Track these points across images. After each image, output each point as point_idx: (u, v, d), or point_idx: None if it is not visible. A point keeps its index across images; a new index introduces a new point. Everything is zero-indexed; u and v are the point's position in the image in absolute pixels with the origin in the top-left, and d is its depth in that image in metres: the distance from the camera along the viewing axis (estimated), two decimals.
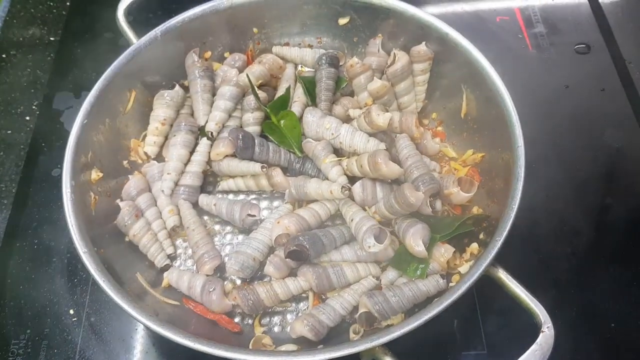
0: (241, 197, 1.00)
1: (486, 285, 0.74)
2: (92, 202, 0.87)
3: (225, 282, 0.88)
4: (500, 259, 0.75)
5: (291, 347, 0.80)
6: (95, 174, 0.89)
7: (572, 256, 0.94)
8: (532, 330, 0.71)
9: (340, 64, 1.03)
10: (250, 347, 0.81)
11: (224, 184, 0.99)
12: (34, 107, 1.17)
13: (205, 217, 0.98)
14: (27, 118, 1.16)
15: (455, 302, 0.71)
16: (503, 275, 0.75)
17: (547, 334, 0.69)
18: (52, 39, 1.28)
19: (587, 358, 0.86)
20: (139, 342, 0.90)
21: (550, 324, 0.70)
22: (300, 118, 0.98)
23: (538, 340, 0.69)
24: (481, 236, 0.86)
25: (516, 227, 0.75)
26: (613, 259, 0.94)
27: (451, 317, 0.89)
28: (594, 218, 0.98)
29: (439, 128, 1.02)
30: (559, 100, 1.12)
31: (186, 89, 1.02)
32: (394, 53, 0.98)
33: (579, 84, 1.13)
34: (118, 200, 0.92)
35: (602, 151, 1.05)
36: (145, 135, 1.00)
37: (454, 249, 0.84)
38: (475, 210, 0.90)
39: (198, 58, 1.00)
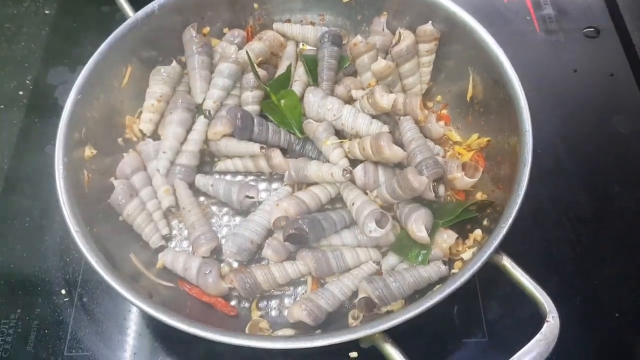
0: (239, 178, 0.98)
1: (488, 272, 0.72)
2: (86, 179, 0.85)
3: (222, 265, 0.87)
4: (504, 246, 0.73)
5: (288, 331, 0.79)
6: (88, 151, 0.87)
7: (577, 244, 0.92)
8: (534, 319, 0.70)
9: (343, 42, 1.00)
10: (247, 331, 0.79)
11: (222, 165, 0.97)
12: (27, 81, 1.15)
13: (202, 198, 0.96)
14: (21, 93, 1.13)
15: (457, 289, 0.69)
16: (507, 262, 0.73)
17: (552, 324, 0.68)
18: (46, 12, 1.25)
19: (590, 347, 0.85)
20: (133, 324, 0.89)
21: (555, 314, 0.68)
22: (301, 98, 0.95)
23: (542, 329, 0.68)
24: (485, 222, 0.84)
25: (520, 214, 0.73)
26: (619, 248, 0.92)
27: (452, 304, 0.88)
28: (600, 206, 0.96)
29: (444, 111, 1.00)
30: (567, 84, 1.10)
31: (183, 65, 0.99)
32: (399, 32, 0.95)
33: (588, 68, 1.11)
34: (112, 179, 0.90)
35: (610, 137, 1.03)
36: (140, 112, 0.97)
37: (457, 235, 0.82)
38: (479, 196, 0.88)
39: (196, 33, 0.97)
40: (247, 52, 0.96)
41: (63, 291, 0.91)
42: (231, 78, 0.96)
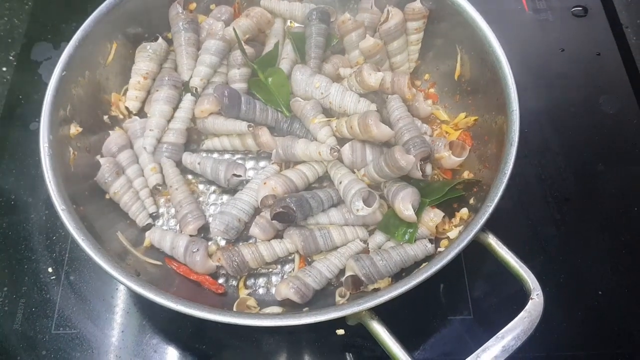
0: (226, 156, 0.97)
1: (474, 250, 0.73)
2: (71, 157, 0.84)
3: (210, 243, 0.87)
4: (490, 225, 0.73)
5: (276, 309, 0.79)
6: (74, 129, 0.86)
7: (561, 223, 0.93)
8: (519, 296, 0.71)
9: (331, 20, 0.99)
10: (235, 309, 0.79)
11: (209, 143, 0.96)
12: (10, 57, 1.13)
13: (189, 176, 0.95)
14: (4, 69, 1.11)
15: (443, 267, 0.70)
16: (493, 241, 0.74)
17: (536, 301, 0.69)
18: None
19: (573, 324, 0.86)
20: (121, 302, 0.89)
21: (539, 291, 0.69)
22: (289, 76, 0.94)
23: (527, 307, 0.68)
24: (471, 201, 0.84)
25: (506, 193, 0.74)
26: (602, 227, 0.93)
27: (438, 282, 0.89)
28: (585, 185, 0.97)
29: (432, 90, 1.00)
30: (554, 63, 1.10)
31: (170, 42, 0.98)
32: (388, 10, 0.94)
33: (575, 47, 1.11)
34: (98, 157, 0.89)
35: (596, 117, 1.04)
36: (126, 90, 0.96)
37: (444, 214, 0.83)
38: (466, 174, 0.89)
39: (182, 9, 0.96)
40: (234, 29, 0.95)
41: (50, 269, 0.91)
42: (218, 55, 0.95)
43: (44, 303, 0.88)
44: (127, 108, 0.95)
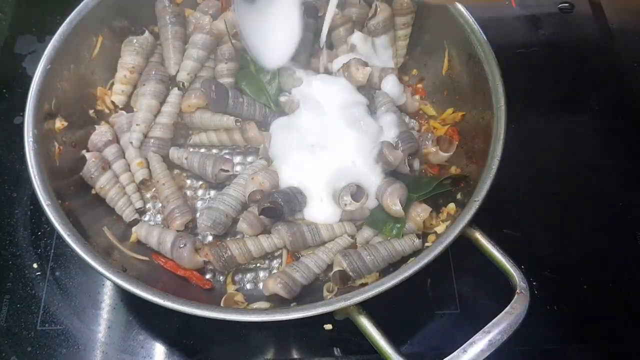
0: (214, 151, 0.97)
1: (461, 245, 0.73)
2: (56, 152, 0.83)
3: (197, 238, 0.86)
4: (477, 220, 0.73)
5: (264, 304, 0.79)
6: (59, 123, 0.85)
7: (548, 218, 0.94)
8: (505, 291, 0.71)
9: (319, 14, 0.99)
10: (222, 304, 0.79)
11: (196, 138, 0.96)
12: None
13: (176, 171, 0.95)
14: None
15: (430, 262, 0.70)
16: (480, 235, 0.74)
17: (522, 296, 0.69)
18: None
19: (558, 318, 0.86)
20: (107, 297, 0.88)
21: (525, 286, 0.70)
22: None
23: (513, 301, 0.69)
24: (458, 196, 0.85)
25: (493, 188, 0.74)
26: (588, 223, 0.94)
27: (425, 277, 0.89)
28: (572, 180, 0.97)
29: (419, 85, 1.00)
30: (541, 59, 1.10)
31: (156, 35, 0.97)
32: (376, 5, 0.94)
33: (562, 43, 1.12)
34: (84, 151, 0.88)
35: (584, 112, 1.04)
36: (112, 84, 0.95)
37: (431, 209, 0.83)
38: (453, 170, 0.89)
39: (169, 3, 0.95)
40: (225, 22, 0.94)
41: (35, 265, 0.90)
42: (205, 49, 0.94)
43: (29, 299, 0.87)
44: (113, 102, 0.95)
